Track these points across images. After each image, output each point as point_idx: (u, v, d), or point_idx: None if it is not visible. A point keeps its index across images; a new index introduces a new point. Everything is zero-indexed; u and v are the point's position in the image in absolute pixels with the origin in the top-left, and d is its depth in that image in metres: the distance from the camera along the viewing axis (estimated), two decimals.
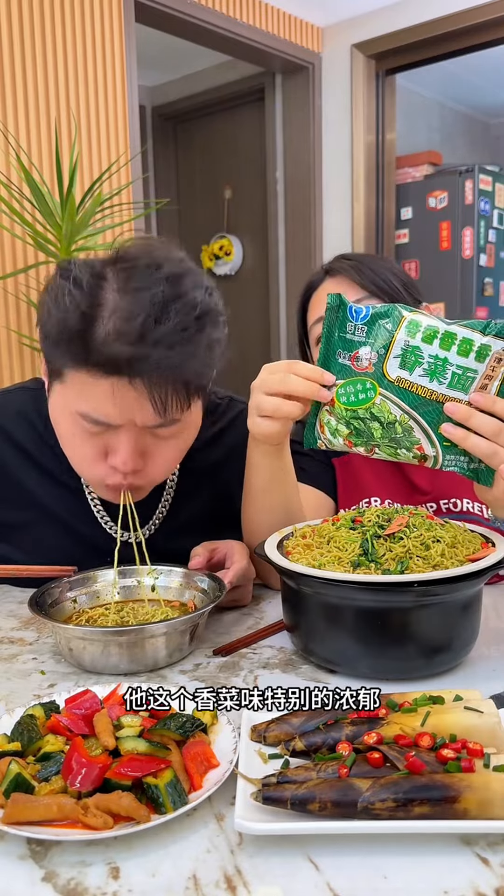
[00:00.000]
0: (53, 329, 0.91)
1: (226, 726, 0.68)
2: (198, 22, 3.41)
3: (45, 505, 1.16)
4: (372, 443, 0.88)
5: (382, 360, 0.86)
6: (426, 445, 0.86)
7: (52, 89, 2.87)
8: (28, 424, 1.17)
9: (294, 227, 4.26)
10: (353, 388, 0.88)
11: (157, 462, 1.00)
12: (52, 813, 0.57)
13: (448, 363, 0.84)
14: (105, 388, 0.90)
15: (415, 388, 0.85)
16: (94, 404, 0.92)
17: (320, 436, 0.93)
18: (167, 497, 1.18)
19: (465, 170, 4.13)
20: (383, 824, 0.54)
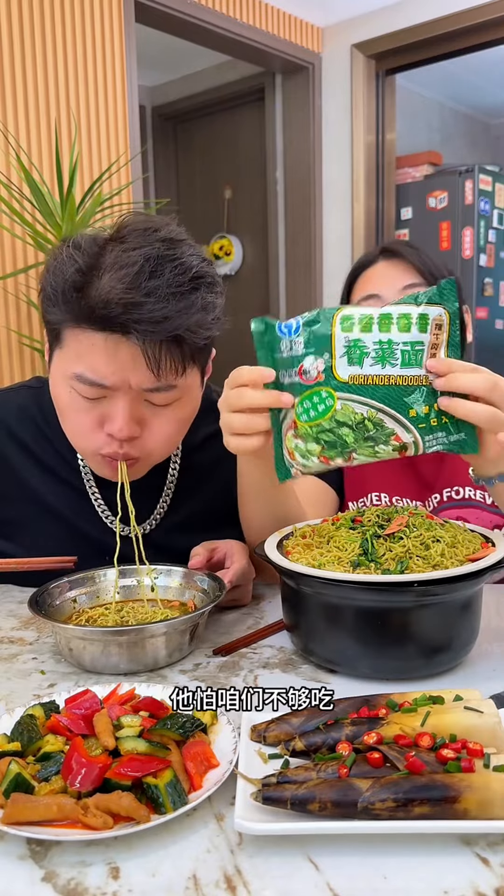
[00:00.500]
0: (52, 286, 0.93)
1: (226, 726, 0.68)
2: (198, 22, 3.41)
3: (47, 501, 1.16)
4: (347, 450, 0.83)
5: (329, 364, 0.82)
6: (402, 433, 0.82)
7: (52, 89, 2.87)
8: (30, 421, 1.17)
9: (294, 227, 4.26)
10: (309, 402, 0.83)
11: (154, 432, 1.00)
12: (51, 813, 0.57)
13: (393, 344, 0.81)
14: (99, 345, 0.92)
15: (370, 379, 0.81)
16: (90, 364, 0.93)
17: (292, 464, 0.87)
18: (167, 493, 1.18)
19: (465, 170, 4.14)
20: (383, 824, 0.54)
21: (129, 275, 0.88)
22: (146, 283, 0.89)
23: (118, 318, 0.89)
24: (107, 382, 0.94)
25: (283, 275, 4.34)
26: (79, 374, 0.94)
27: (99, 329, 0.91)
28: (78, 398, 0.97)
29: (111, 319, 0.89)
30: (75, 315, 0.92)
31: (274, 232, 4.37)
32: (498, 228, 4.26)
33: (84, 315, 0.91)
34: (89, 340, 0.92)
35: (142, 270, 0.89)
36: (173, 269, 0.91)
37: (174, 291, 0.90)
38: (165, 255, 0.91)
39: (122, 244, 0.92)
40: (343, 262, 4.03)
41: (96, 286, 0.90)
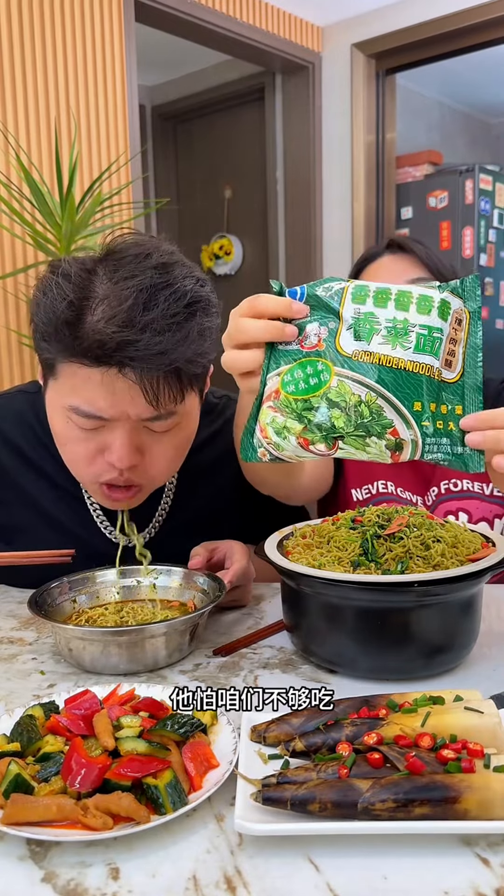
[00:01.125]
0: (43, 321, 0.91)
1: (226, 726, 0.68)
2: (198, 22, 3.41)
3: (44, 508, 1.16)
4: (334, 435, 0.72)
5: (334, 335, 0.73)
6: (401, 428, 0.71)
7: (52, 89, 2.87)
8: (26, 427, 1.17)
9: (294, 226, 4.26)
10: (301, 372, 0.73)
11: (155, 459, 0.99)
12: (51, 813, 0.57)
13: (409, 324, 0.72)
14: (96, 379, 0.90)
15: (376, 358, 0.71)
16: (86, 397, 0.91)
17: (261, 443, 0.76)
18: (167, 498, 1.18)
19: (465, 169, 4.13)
20: (383, 825, 0.54)
21: (123, 310, 0.86)
22: (140, 318, 0.86)
23: (113, 356, 0.87)
24: (105, 415, 0.92)
25: (283, 275, 4.34)
26: (75, 406, 0.93)
27: (94, 364, 0.89)
28: (75, 428, 0.95)
29: (106, 356, 0.87)
30: (69, 351, 0.90)
31: (274, 232, 4.37)
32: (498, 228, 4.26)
33: (80, 352, 0.89)
34: (85, 374, 0.90)
35: (135, 304, 0.86)
36: (167, 297, 0.88)
37: (170, 322, 0.88)
38: (159, 284, 0.88)
39: (113, 272, 0.90)
40: (343, 261, 4.03)
41: (89, 322, 0.87)
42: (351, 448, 0.73)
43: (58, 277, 0.90)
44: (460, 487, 1.28)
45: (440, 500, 1.29)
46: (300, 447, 0.74)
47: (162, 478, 1.03)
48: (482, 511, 1.26)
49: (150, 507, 1.16)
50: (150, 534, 1.17)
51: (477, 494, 1.27)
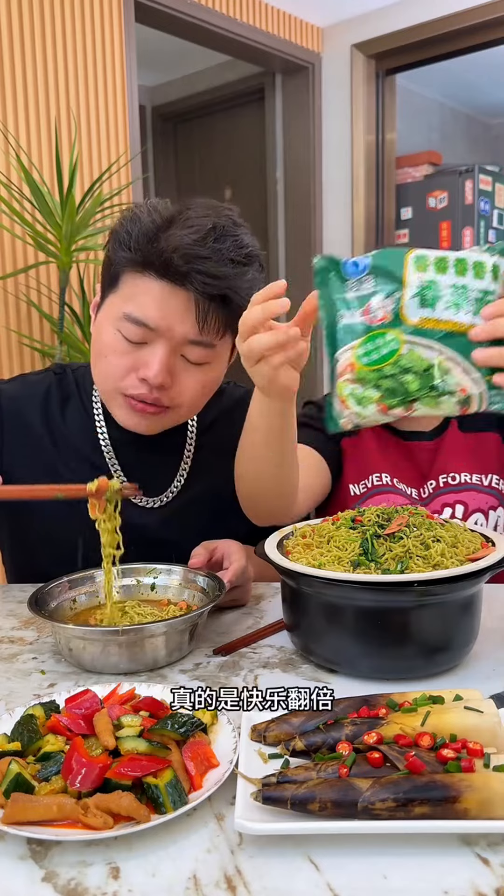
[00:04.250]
0: (126, 230, 1.02)
1: (226, 726, 0.68)
2: (198, 22, 3.40)
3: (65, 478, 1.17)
4: (409, 399, 0.78)
5: (398, 305, 0.77)
6: (469, 385, 0.78)
7: (52, 89, 2.87)
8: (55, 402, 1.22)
9: (294, 227, 4.26)
10: (372, 344, 0.78)
11: (183, 387, 1.06)
12: (52, 813, 0.57)
13: (468, 290, 0.77)
14: (155, 290, 1.00)
15: (442, 324, 0.77)
16: (141, 305, 1.01)
17: (342, 413, 0.82)
18: (184, 467, 1.22)
19: (465, 170, 4.13)
20: (383, 824, 0.54)
21: (199, 232, 0.99)
22: (212, 244, 0.99)
23: (181, 267, 0.98)
24: (152, 324, 1.01)
25: (283, 275, 4.34)
26: (128, 313, 1.02)
27: (159, 276, 1.00)
28: (121, 340, 1.03)
29: (175, 267, 0.98)
30: (142, 258, 1.00)
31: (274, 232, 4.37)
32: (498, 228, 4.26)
33: (150, 260, 0.99)
34: (146, 285, 1.01)
35: (209, 233, 0.99)
36: (234, 240, 1.02)
37: (233, 258, 1.01)
38: (229, 229, 1.02)
39: (191, 211, 1.02)
40: None
41: (167, 236, 0.99)
42: (425, 408, 0.80)
43: (147, 205, 1.04)
44: (458, 481, 1.31)
45: (437, 493, 1.31)
46: (380, 413, 0.81)
47: (184, 409, 1.10)
48: (478, 502, 1.30)
49: (167, 477, 1.21)
50: (166, 498, 1.20)
51: (475, 486, 1.31)
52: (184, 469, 1.23)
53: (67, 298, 2.72)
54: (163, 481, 1.21)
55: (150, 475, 1.18)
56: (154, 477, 1.19)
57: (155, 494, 1.20)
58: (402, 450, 1.36)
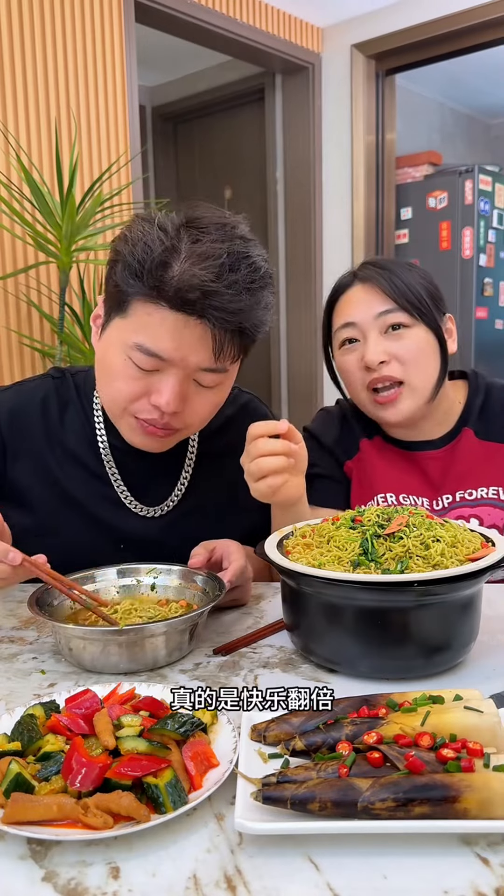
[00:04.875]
0: (137, 258, 0.97)
1: (226, 726, 0.68)
2: (198, 22, 3.41)
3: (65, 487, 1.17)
4: None
5: None
6: None
7: (52, 89, 2.87)
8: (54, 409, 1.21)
9: (294, 227, 4.26)
10: None
11: (195, 409, 1.06)
12: (52, 813, 0.57)
13: None
14: (169, 322, 0.97)
15: None
16: (154, 337, 0.98)
17: None
18: (185, 477, 1.21)
19: (464, 170, 4.13)
20: (383, 824, 0.54)
21: (215, 266, 0.95)
22: (227, 276, 0.96)
23: (198, 303, 0.96)
24: (167, 356, 0.99)
25: (283, 274, 4.34)
26: (140, 343, 0.99)
27: (174, 308, 0.97)
28: (131, 367, 1.01)
29: (191, 303, 0.96)
30: (156, 291, 0.96)
31: (274, 232, 4.37)
32: (498, 228, 4.26)
33: (164, 293, 0.96)
34: (160, 315, 0.97)
35: (224, 263, 0.96)
36: (248, 266, 0.99)
37: (248, 287, 0.99)
38: (242, 253, 0.99)
39: (203, 234, 0.98)
40: (343, 262, 4.03)
41: (181, 268, 0.95)
42: None
43: (155, 226, 0.99)
44: (475, 496, 1.28)
45: (452, 507, 1.29)
46: None
47: (194, 427, 1.11)
48: (493, 518, 1.27)
49: (168, 485, 1.20)
50: (167, 507, 1.19)
51: (492, 501, 1.27)
52: (185, 478, 1.21)
53: (67, 298, 2.72)
54: (163, 490, 1.20)
55: (150, 483, 1.17)
56: (154, 485, 1.18)
57: (155, 503, 1.19)
58: (409, 462, 1.33)
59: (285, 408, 4.41)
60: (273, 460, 0.99)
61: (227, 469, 1.21)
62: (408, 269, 1.27)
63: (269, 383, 4.43)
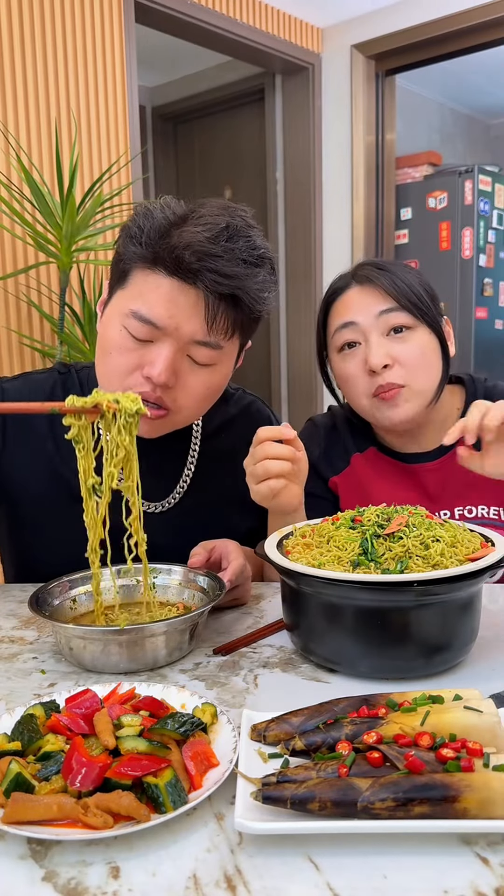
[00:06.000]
0: (138, 226, 1.01)
1: (226, 726, 0.68)
2: (198, 22, 3.41)
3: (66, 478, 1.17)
4: None
5: None
6: None
7: (52, 89, 2.87)
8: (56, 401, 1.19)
9: (294, 227, 4.26)
10: None
11: (187, 389, 1.05)
12: (52, 812, 0.57)
13: None
14: (164, 288, 0.99)
15: None
16: (149, 303, 1.00)
17: None
18: (187, 473, 1.21)
19: (464, 170, 4.13)
20: (383, 824, 0.54)
21: (212, 230, 0.98)
22: (224, 243, 0.98)
23: (192, 265, 0.97)
24: (160, 323, 0.99)
25: (283, 275, 4.34)
26: (135, 310, 1.00)
27: (169, 273, 0.98)
28: (127, 337, 1.02)
29: (186, 264, 0.97)
30: (152, 254, 0.99)
31: (274, 232, 4.37)
32: (497, 229, 4.26)
33: (161, 256, 0.98)
34: (156, 282, 0.99)
35: (222, 232, 0.98)
36: (247, 241, 1.01)
37: (245, 258, 1.00)
38: (242, 229, 1.01)
39: (205, 209, 1.01)
40: (343, 262, 4.03)
41: (180, 232, 0.98)
42: None
43: (160, 202, 1.03)
44: (475, 514, 1.26)
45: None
46: None
47: (187, 411, 1.09)
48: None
49: (170, 482, 1.20)
50: (165, 505, 1.20)
51: (492, 521, 1.24)
52: (187, 475, 1.22)
53: (67, 298, 2.72)
54: (165, 487, 1.21)
55: (152, 480, 1.16)
56: (157, 482, 1.18)
57: (157, 500, 1.20)
58: (405, 475, 1.29)
59: (285, 408, 4.42)
60: (278, 464, 1.00)
61: (228, 469, 1.22)
62: (404, 269, 1.24)
63: (269, 383, 4.44)
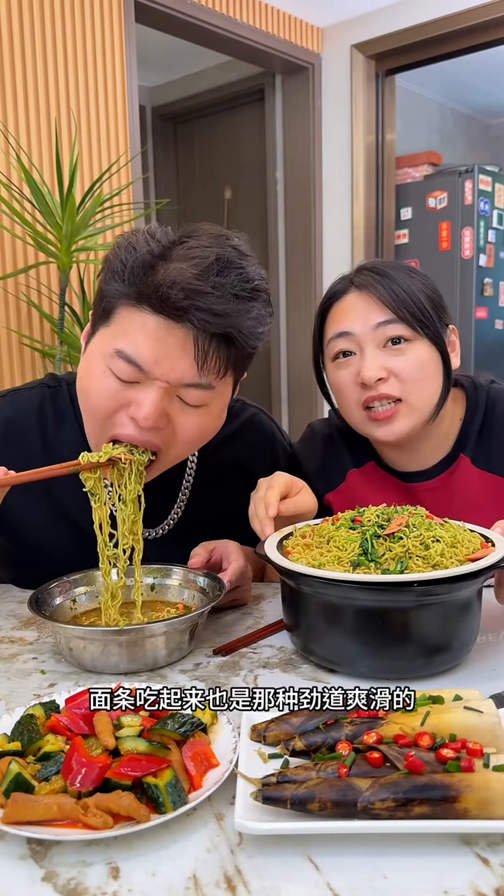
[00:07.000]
0: (121, 260, 0.94)
1: (226, 726, 0.68)
2: (198, 22, 3.41)
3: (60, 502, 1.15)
4: None
5: None
6: None
7: (52, 89, 2.87)
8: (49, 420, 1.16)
9: (294, 227, 4.26)
10: None
11: (178, 431, 0.98)
12: (52, 813, 0.57)
13: None
14: (151, 327, 0.92)
15: None
16: (135, 343, 0.92)
17: None
18: (183, 496, 1.18)
19: (464, 170, 4.13)
20: (383, 824, 0.54)
21: (200, 266, 0.91)
22: (213, 278, 0.91)
23: (180, 303, 0.90)
24: (146, 367, 0.92)
25: (283, 275, 4.34)
26: (120, 349, 0.93)
27: (156, 311, 0.91)
28: (110, 378, 0.94)
29: (172, 302, 0.90)
30: (137, 292, 0.92)
31: (274, 232, 4.37)
32: (497, 228, 4.26)
33: (146, 293, 0.91)
34: (141, 321, 0.92)
35: (212, 266, 0.91)
36: (239, 273, 0.93)
37: (236, 293, 0.93)
38: (234, 261, 0.94)
39: (194, 240, 0.94)
40: (343, 262, 4.03)
41: (166, 269, 0.91)
42: None
43: (144, 233, 0.96)
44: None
45: None
46: None
47: (176, 454, 1.02)
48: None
49: (166, 503, 1.17)
50: (162, 530, 1.17)
51: None
52: (182, 499, 1.18)
53: (67, 298, 2.72)
54: (161, 511, 1.16)
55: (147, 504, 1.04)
56: (151, 505, 1.05)
57: (153, 525, 1.16)
58: (403, 493, 1.22)
59: (285, 408, 4.42)
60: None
61: (227, 485, 1.18)
62: (408, 274, 1.15)
63: (269, 383, 4.44)
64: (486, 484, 1.19)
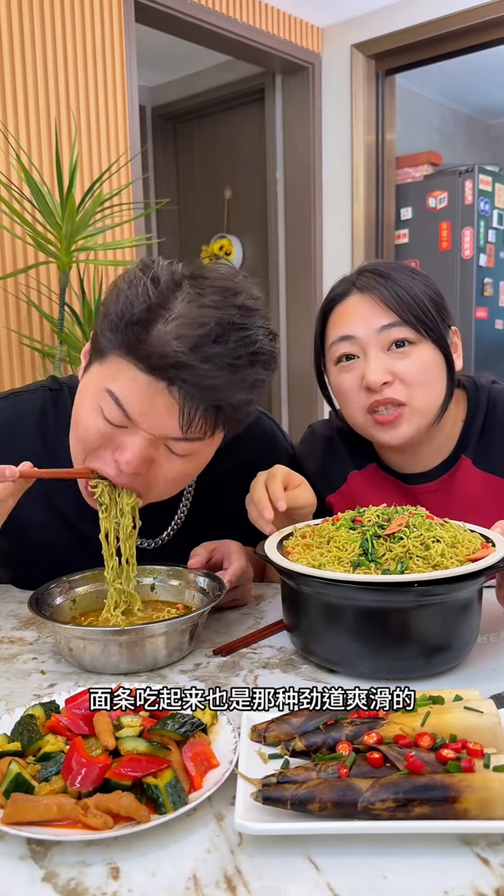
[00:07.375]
0: (117, 312, 0.91)
1: (226, 726, 0.68)
2: (198, 22, 3.41)
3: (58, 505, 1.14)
4: None
5: None
6: None
7: (52, 89, 2.87)
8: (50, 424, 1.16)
9: (294, 227, 4.26)
10: None
11: (160, 475, 0.97)
12: (52, 813, 0.57)
13: None
14: (140, 384, 0.90)
15: None
16: (125, 392, 0.91)
17: None
18: (184, 505, 1.17)
19: (464, 170, 4.13)
20: (383, 824, 0.54)
21: (195, 336, 0.87)
22: (208, 348, 0.88)
23: (168, 371, 0.87)
24: (132, 417, 0.91)
25: (282, 275, 4.34)
26: (111, 390, 0.91)
27: (144, 371, 0.89)
28: (100, 418, 0.93)
29: (161, 369, 0.88)
30: (128, 350, 0.90)
31: (274, 232, 4.37)
32: (498, 228, 4.26)
33: (137, 352, 0.89)
34: (132, 374, 0.90)
35: (208, 334, 0.88)
36: (239, 339, 0.90)
37: (232, 363, 0.89)
38: (236, 324, 0.90)
39: (199, 295, 0.90)
40: (343, 262, 4.03)
41: (159, 331, 0.88)
42: None
43: (147, 278, 0.90)
44: None
45: None
46: None
47: (157, 494, 1.00)
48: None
49: (168, 512, 1.16)
50: (160, 542, 1.16)
51: None
52: (183, 509, 1.17)
53: (67, 298, 2.72)
54: (161, 521, 1.16)
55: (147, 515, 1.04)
56: (151, 517, 1.07)
57: (152, 536, 1.15)
58: (404, 495, 1.22)
59: (285, 408, 4.42)
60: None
61: (228, 489, 1.17)
62: (410, 276, 1.14)
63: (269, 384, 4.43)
64: (487, 485, 1.18)
